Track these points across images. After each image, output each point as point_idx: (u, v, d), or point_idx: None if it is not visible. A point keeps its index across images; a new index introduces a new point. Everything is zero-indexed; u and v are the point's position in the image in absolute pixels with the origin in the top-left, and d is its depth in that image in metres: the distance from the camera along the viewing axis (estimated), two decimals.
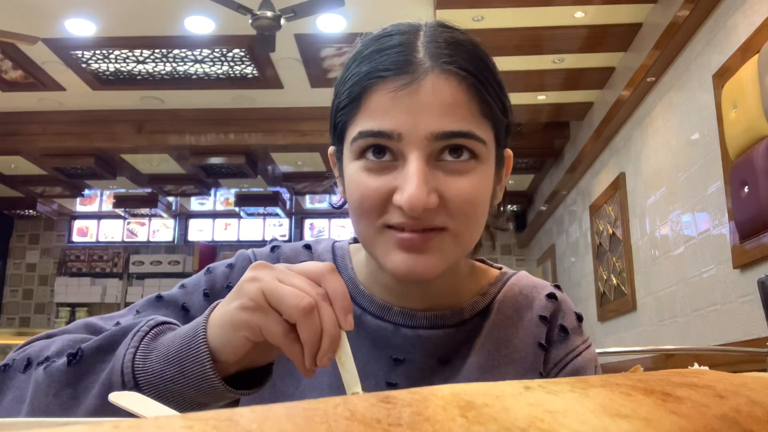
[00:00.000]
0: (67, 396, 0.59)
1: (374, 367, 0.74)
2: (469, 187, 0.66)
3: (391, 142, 0.65)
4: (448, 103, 0.65)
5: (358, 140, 0.67)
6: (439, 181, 0.65)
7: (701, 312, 3.35)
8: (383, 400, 0.25)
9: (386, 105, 0.65)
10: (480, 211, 0.69)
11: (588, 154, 5.18)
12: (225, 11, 4.03)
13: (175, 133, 5.89)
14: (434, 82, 0.65)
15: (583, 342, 0.80)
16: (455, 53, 0.67)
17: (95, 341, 0.61)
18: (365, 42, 0.72)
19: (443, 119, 0.64)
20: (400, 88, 0.64)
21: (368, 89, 0.66)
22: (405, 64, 0.65)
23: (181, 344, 0.58)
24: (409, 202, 0.63)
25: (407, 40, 0.68)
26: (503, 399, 0.26)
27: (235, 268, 0.80)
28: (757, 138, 2.67)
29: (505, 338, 0.77)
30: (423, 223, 0.66)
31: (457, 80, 0.65)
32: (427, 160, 0.65)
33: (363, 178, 0.67)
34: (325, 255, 0.83)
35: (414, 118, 0.64)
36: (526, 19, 3.91)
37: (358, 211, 0.69)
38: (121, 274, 8.59)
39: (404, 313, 0.76)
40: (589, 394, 0.27)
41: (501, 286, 0.82)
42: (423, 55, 0.66)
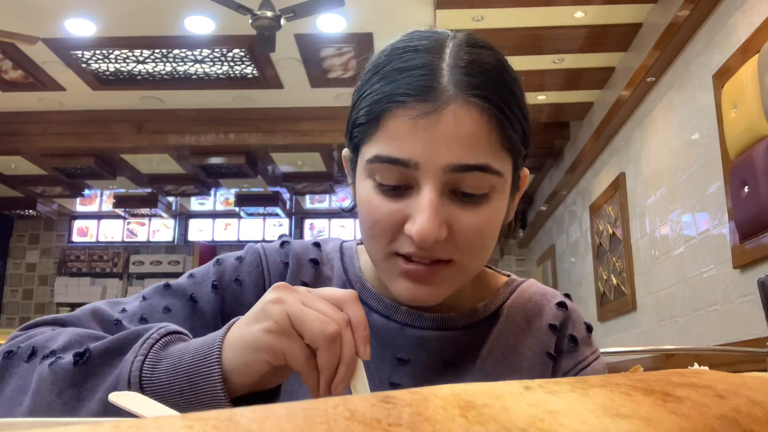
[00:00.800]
0: (70, 396, 0.58)
1: (378, 367, 0.74)
2: (480, 222, 0.66)
3: (406, 170, 0.64)
4: (468, 135, 0.63)
5: (374, 163, 0.66)
6: (451, 213, 0.65)
7: (701, 312, 3.35)
8: (383, 400, 0.25)
9: (405, 132, 0.64)
10: (488, 242, 0.69)
11: (588, 154, 5.18)
12: (225, 11, 4.03)
13: (175, 133, 5.89)
14: (456, 112, 0.63)
15: (593, 353, 0.80)
16: (480, 81, 0.65)
17: (103, 343, 0.61)
18: (387, 52, 0.69)
19: (461, 152, 0.63)
20: (420, 116, 0.63)
21: (387, 112, 0.65)
22: (427, 91, 0.63)
23: (193, 359, 0.57)
24: (419, 234, 0.63)
25: (431, 61, 0.65)
26: (503, 399, 0.26)
27: (245, 261, 0.79)
28: (757, 138, 2.67)
29: (514, 346, 0.77)
30: (431, 254, 0.65)
31: (479, 111, 0.64)
32: (441, 191, 0.64)
33: (376, 200, 0.66)
34: (333, 254, 0.83)
35: (432, 149, 0.63)
36: (526, 19, 3.91)
37: (369, 233, 0.68)
38: (121, 274, 8.59)
39: (411, 313, 0.76)
40: (589, 394, 0.27)
41: (510, 292, 0.81)
42: (447, 81, 0.64)
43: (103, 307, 0.74)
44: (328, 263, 0.82)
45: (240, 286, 0.77)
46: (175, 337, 0.61)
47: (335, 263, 0.82)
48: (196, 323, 0.74)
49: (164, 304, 0.74)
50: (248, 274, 0.78)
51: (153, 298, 0.75)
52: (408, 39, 0.69)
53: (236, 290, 0.77)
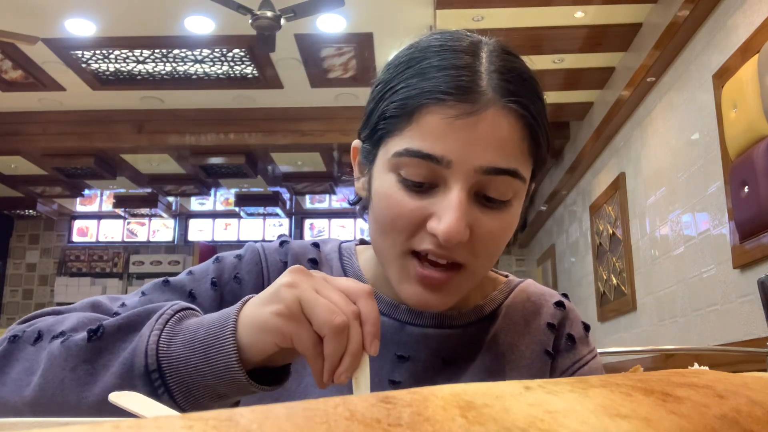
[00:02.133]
0: (84, 371, 0.59)
1: (378, 364, 0.75)
2: (499, 227, 0.67)
3: (437, 167, 0.64)
4: (504, 140, 0.64)
5: (404, 157, 0.65)
6: (474, 216, 0.66)
7: (701, 312, 3.35)
8: (383, 400, 0.25)
9: (442, 129, 0.64)
10: (501, 248, 0.70)
11: (588, 154, 5.18)
12: (225, 11, 4.03)
13: (175, 133, 5.89)
14: (494, 116, 0.64)
15: (590, 352, 0.81)
16: (519, 89, 0.66)
17: (117, 320, 0.61)
18: (421, 48, 0.69)
19: (495, 155, 0.64)
20: (459, 116, 0.64)
21: (424, 108, 0.65)
22: (468, 92, 0.64)
23: (208, 333, 0.57)
24: (446, 233, 0.63)
25: (469, 62, 0.66)
26: (503, 399, 0.26)
27: (244, 259, 0.80)
28: (757, 138, 2.67)
29: (512, 344, 0.78)
30: (448, 255, 0.66)
31: (515, 118, 0.65)
32: (469, 192, 0.65)
33: (399, 195, 0.66)
34: (332, 254, 0.83)
35: (467, 149, 0.64)
36: (526, 19, 3.91)
37: (387, 227, 0.68)
38: (121, 274, 8.59)
39: (411, 311, 0.77)
40: (589, 394, 0.27)
41: (509, 292, 0.82)
42: (486, 85, 0.65)
43: (102, 300, 0.75)
44: (327, 263, 0.82)
45: (239, 283, 0.78)
46: (188, 312, 0.62)
47: (334, 263, 0.82)
48: None
49: (163, 300, 0.74)
50: (247, 272, 0.79)
51: (152, 294, 0.76)
52: (442, 38, 0.70)
53: (235, 288, 0.77)
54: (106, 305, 0.73)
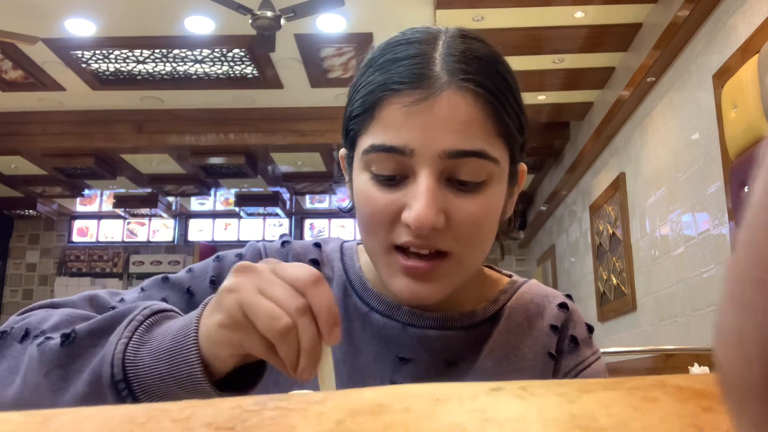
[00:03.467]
0: (56, 377, 0.58)
1: (380, 366, 0.74)
2: (477, 210, 0.65)
3: (402, 158, 0.64)
4: (463, 121, 0.63)
5: (370, 153, 0.66)
6: (448, 201, 0.65)
7: (701, 312, 3.35)
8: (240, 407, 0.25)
9: (399, 119, 0.64)
10: (486, 233, 0.68)
11: (588, 154, 5.18)
12: (225, 11, 4.03)
13: (175, 133, 5.89)
14: (450, 98, 0.63)
15: (593, 354, 0.80)
16: (473, 68, 0.65)
17: (89, 324, 0.60)
18: (381, 47, 0.70)
19: (457, 137, 0.63)
20: (414, 103, 0.63)
21: (382, 101, 0.65)
22: (420, 78, 0.64)
23: (173, 341, 0.56)
24: (416, 220, 0.62)
25: (424, 50, 0.66)
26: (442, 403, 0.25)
27: (245, 258, 0.79)
28: (757, 138, 2.67)
29: (515, 345, 0.77)
30: (428, 244, 0.65)
31: (473, 97, 0.64)
32: (438, 178, 0.64)
33: (373, 192, 0.66)
34: (333, 254, 0.82)
35: (427, 135, 0.63)
36: (526, 19, 3.91)
37: (368, 226, 0.68)
38: (121, 274, 8.59)
39: (412, 312, 0.76)
40: (576, 401, 0.26)
41: (512, 293, 0.81)
42: (440, 69, 0.64)
43: (101, 294, 0.74)
44: (329, 263, 0.82)
45: None
46: (161, 316, 0.60)
47: (336, 264, 0.81)
48: None
49: (161, 296, 0.75)
50: None
51: (151, 290, 0.76)
52: (402, 34, 0.70)
53: None
54: (104, 300, 0.73)
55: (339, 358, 0.74)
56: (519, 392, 0.27)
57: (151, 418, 0.25)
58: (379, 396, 0.26)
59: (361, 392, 0.27)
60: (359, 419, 0.24)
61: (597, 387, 0.27)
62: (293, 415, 0.25)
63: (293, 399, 0.26)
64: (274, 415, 0.25)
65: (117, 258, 8.67)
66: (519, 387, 0.27)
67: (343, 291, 0.78)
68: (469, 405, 0.25)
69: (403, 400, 0.26)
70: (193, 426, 0.24)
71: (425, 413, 0.25)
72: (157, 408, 0.26)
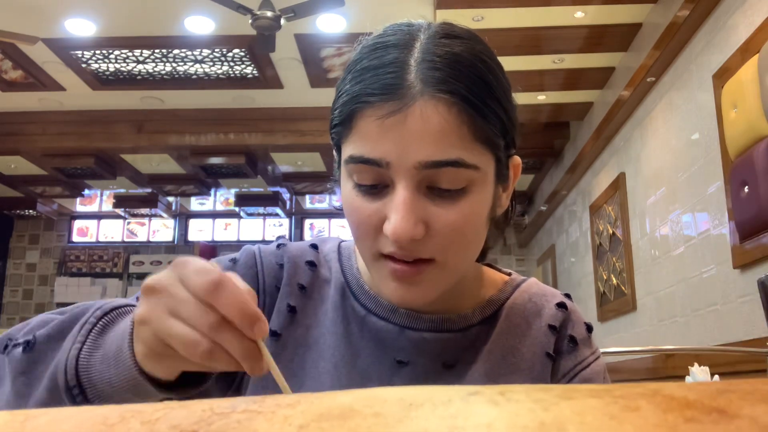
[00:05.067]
0: (21, 384, 0.58)
1: (377, 369, 0.74)
2: (457, 217, 0.65)
3: (380, 169, 0.64)
4: (437, 131, 0.62)
5: (350, 164, 0.66)
6: (428, 210, 0.64)
7: (701, 312, 3.35)
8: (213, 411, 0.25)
9: (374, 132, 0.63)
10: (470, 238, 0.68)
11: (588, 154, 5.18)
12: (225, 11, 4.03)
13: (175, 133, 5.89)
14: (422, 109, 0.62)
15: (592, 353, 0.79)
16: (448, 74, 0.63)
17: (48, 328, 0.60)
18: (361, 50, 0.68)
19: (431, 148, 0.62)
20: (387, 115, 0.62)
21: (357, 112, 0.64)
22: (394, 89, 0.62)
23: (116, 346, 0.55)
24: (394, 233, 0.62)
25: (399, 57, 0.64)
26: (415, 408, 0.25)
27: (239, 263, 0.78)
28: (757, 138, 2.67)
29: (513, 346, 0.76)
30: (411, 254, 0.65)
31: (446, 106, 0.62)
32: (417, 188, 0.64)
33: (357, 202, 0.66)
34: (330, 255, 0.82)
35: (402, 147, 0.62)
36: (526, 19, 3.91)
37: (355, 233, 0.69)
38: (121, 274, 8.59)
39: (410, 315, 0.75)
40: (551, 408, 0.25)
41: (510, 292, 0.80)
42: (414, 77, 0.63)
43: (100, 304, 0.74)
44: (326, 264, 0.81)
45: None
46: (117, 313, 0.59)
47: (333, 264, 0.81)
48: None
49: None
50: (242, 276, 0.76)
51: None
52: (380, 35, 0.69)
53: None
54: None
55: (338, 361, 0.73)
56: (495, 398, 0.26)
57: (123, 419, 0.25)
58: (352, 400, 0.26)
59: (336, 396, 0.27)
60: (324, 424, 0.24)
61: (582, 394, 0.26)
62: (259, 418, 0.25)
63: (266, 402, 0.26)
64: (240, 418, 0.25)
65: (117, 258, 8.67)
66: (497, 392, 0.27)
67: (341, 293, 0.78)
68: (442, 411, 0.25)
69: (375, 405, 0.26)
70: (160, 428, 0.24)
71: (395, 418, 0.24)
72: (131, 409, 0.26)
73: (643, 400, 0.25)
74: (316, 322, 0.77)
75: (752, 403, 0.25)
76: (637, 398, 0.25)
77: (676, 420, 0.24)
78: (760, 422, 0.23)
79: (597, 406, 0.25)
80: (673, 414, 0.24)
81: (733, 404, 0.25)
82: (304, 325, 0.76)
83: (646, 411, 0.24)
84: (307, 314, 0.77)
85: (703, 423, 0.23)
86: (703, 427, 0.23)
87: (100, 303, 0.60)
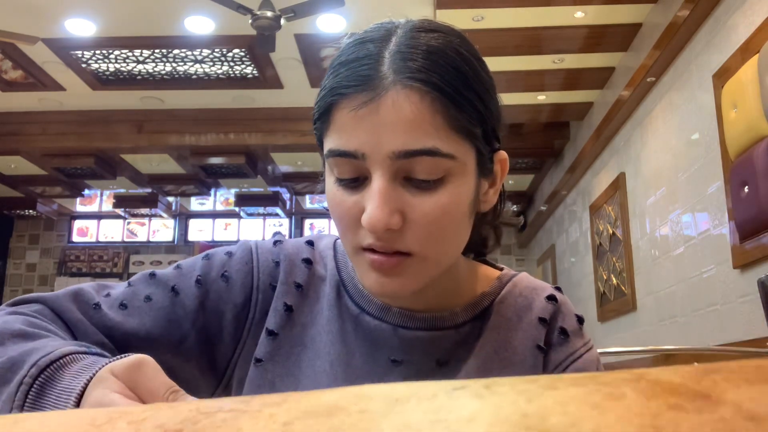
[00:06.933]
0: None
1: (372, 368, 0.73)
2: (434, 208, 0.64)
3: (357, 161, 0.64)
4: (410, 121, 0.62)
5: (330, 158, 0.66)
6: (405, 201, 0.64)
7: (701, 312, 3.35)
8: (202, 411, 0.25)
9: (349, 124, 0.64)
10: (449, 229, 0.67)
11: (588, 154, 5.18)
12: (225, 11, 4.03)
13: (175, 133, 5.89)
14: (395, 99, 0.62)
15: (584, 344, 0.79)
16: (421, 65, 0.63)
17: None
18: (342, 47, 0.69)
19: (404, 137, 0.62)
20: (360, 106, 0.63)
21: (333, 106, 0.65)
22: (367, 80, 0.63)
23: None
24: (369, 222, 0.62)
25: (374, 50, 0.65)
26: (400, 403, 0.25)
27: (234, 257, 0.79)
28: (757, 138, 2.67)
29: (504, 340, 0.76)
30: (389, 245, 0.65)
31: (419, 96, 0.62)
32: (393, 179, 0.64)
33: (339, 195, 0.67)
34: (326, 252, 0.82)
35: (375, 138, 0.62)
36: (526, 19, 3.91)
37: (338, 227, 0.69)
38: (121, 274, 8.59)
39: (403, 314, 0.75)
40: (535, 399, 0.25)
41: (501, 287, 0.80)
42: (387, 68, 0.63)
43: (87, 289, 0.74)
44: (322, 261, 0.81)
45: (226, 282, 0.76)
46: (55, 367, 0.56)
47: (328, 262, 0.81)
48: (175, 314, 0.74)
49: (147, 293, 0.75)
50: (236, 271, 0.78)
51: (137, 285, 0.76)
52: (360, 32, 0.70)
53: (222, 286, 0.76)
54: (89, 294, 0.73)
55: (334, 360, 0.74)
56: (480, 391, 0.26)
57: (110, 420, 0.25)
58: (339, 397, 0.26)
59: (322, 393, 0.27)
60: (309, 421, 0.24)
61: (566, 383, 0.26)
62: (244, 417, 0.25)
63: (253, 401, 0.26)
64: (225, 417, 0.25)
65: (117, 258, 8.67)
66: (482, 385, 0.26)
67: (336, 291, 0.78)
68: (426, 405, 0.25)
69: (361, 402, 0.25)
70: (146, 428, 0.24)
71: (380, 414, 0.24)
72: (119, 411, 0.26)
73: (627, 387, 0.25)
74: (312, 320, 0.77)
75: (737, 385, 0.25)
76: (621, 385, 0.25)
77: (659, 407, 0.23)
78: (743, 410, 0.23)
79: (580, 395, 0.25)
80: (657, 401, 0.24)
81: (717, 386, 0.24)
82: (300, 323, 0.76)
83: (630, 399, 0.24)
84: (304, 312, 0.77)
85: (687, 411, 0.23)
86: (687, 417, 0.23)
87: (32, 357, 0.57)
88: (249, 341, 0.76)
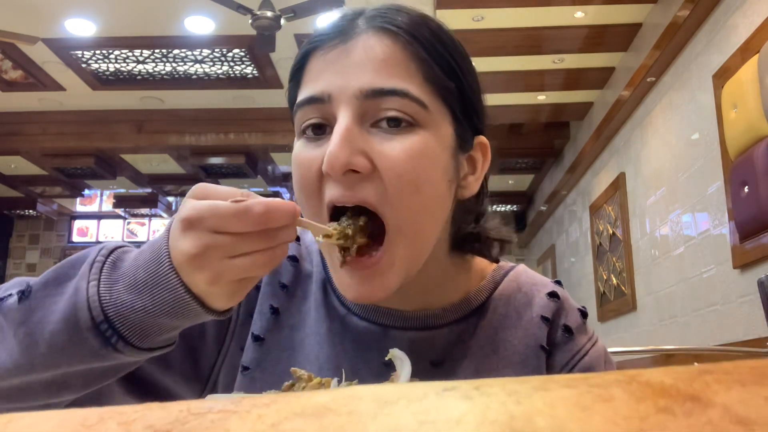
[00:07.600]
0: (23, 335, 0.56)
1: (364, 373, 0.69)
2: (402, 153, 0.60)
3: (324, 106, 0.61)
4: (380, 60, 0.61)
5: (297, 113, 0.64)
6: (371, 146, 0.60)
7: (701, 312, 3.35)
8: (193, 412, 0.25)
9: (319, 68, 0.63)
10: (425, 190, 0.61)
11: (588, 154, 5.18)
12: (225, 11, 4.03)
13: (175, 133, 5.89)
14: (366, 40, 0.62)
15: (589, 340, 0.76)
16: (394, 17, 0.64)
17: (43, 276, 0.59)
18: None
19: (373, 75, 0.60)
20: (331, 49, 0.62)
21: (306, 59, 0.65)
22: (341, 29, 0.63)
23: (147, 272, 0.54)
24: (328, 160, 0.58)
25: (350, 14, 0.66)
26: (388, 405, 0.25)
27: None
28: (757, 138, 2.67)
29: (504, 339, 0.72)
30: (355, 195, 0.60)
31: (391, 38, 0.62)
32: (359, 120, 0.60)
33: (302, 153, 0.63)
34: (312, 246, 0.78)
35: (343, 77, 0.61)
36: (526, 19, 3.91)
37: (299, 194, 0.64)
38: None
39: (392, 314, 0.71)
40: (524, 401, 0.24)
41: (498, 281, 0.76)
42: (361, 22, 0.64)
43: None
44: (308, 257, 0.77)
45: None
46: (119, 253, 0.58)
47: (314, 257, 0.77)
48: None
49: None
50: None
51: None
52: None
53: None
54: None
55: (323, 363, 0.70)
56: (470, 392, 0.26)
57: (101, 420, 0.26)
58: (329, 399, 0.26)
59: (313, 395, 0.27)
60: (297, 422, 0.24)
61: (558, 384, 0.26)
62: (233, 417, 0.25)
63: (243, 402, 0.26)
64: (215, 418, 0.25)
65: None
66: (473, 387, 0.26)
67: (323, 289, 0.74)
68: (416, 407, 0.25)
69: (350, 403, 0.25)
70: (135, 428, 0.24)
71: (368, 416, 0.24)
72: (110, 411, 0.26)
73: (617, 389, 0.25)
74: (301, 321, 0.73)
75: (728, 387, 0.24)
76: (611, 386, 0.25)
77: (648, 410, 0.23)
78: (731, 413, 0.23)
79: (570, 396, 0.24)
80: (646, 403, 0.23)
81: (709, 388, 0.24)
82: (287, 326, 0.73)
83: (619, 401, 0.24)
84: (291, 314, 0.73)
85: (675, 414, 0.23)
86: (674, 420, 0.22)
87: (96, 248, 0.59)
88: (233, 345, 0.72)
